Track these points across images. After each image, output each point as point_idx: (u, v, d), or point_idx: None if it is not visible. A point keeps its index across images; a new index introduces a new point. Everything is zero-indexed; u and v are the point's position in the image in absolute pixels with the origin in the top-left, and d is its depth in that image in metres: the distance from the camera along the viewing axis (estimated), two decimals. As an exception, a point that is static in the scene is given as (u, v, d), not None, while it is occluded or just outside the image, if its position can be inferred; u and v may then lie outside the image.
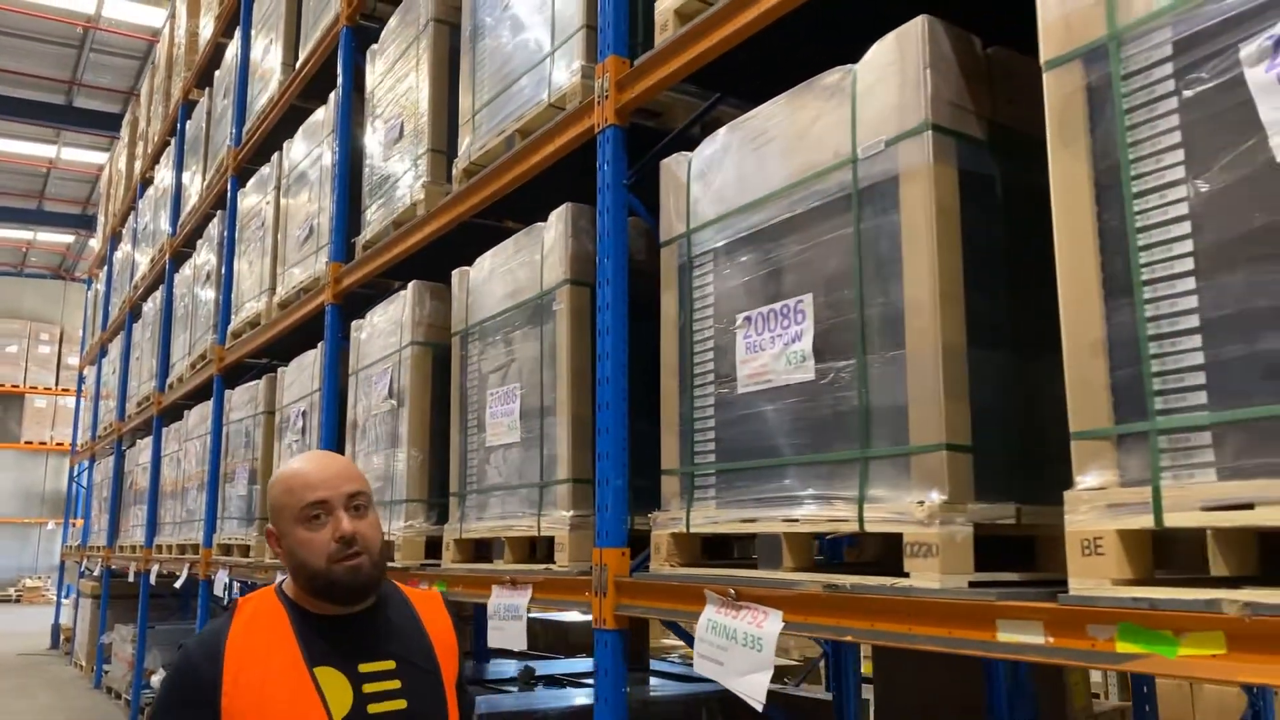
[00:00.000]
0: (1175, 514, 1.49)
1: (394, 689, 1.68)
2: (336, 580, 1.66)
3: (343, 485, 1.70)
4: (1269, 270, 1.43)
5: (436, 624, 1.83)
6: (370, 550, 1.70)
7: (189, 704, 1.61)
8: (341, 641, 1.69)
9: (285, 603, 1.72)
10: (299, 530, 1.67)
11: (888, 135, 2.09)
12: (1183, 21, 1.57)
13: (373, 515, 1.74)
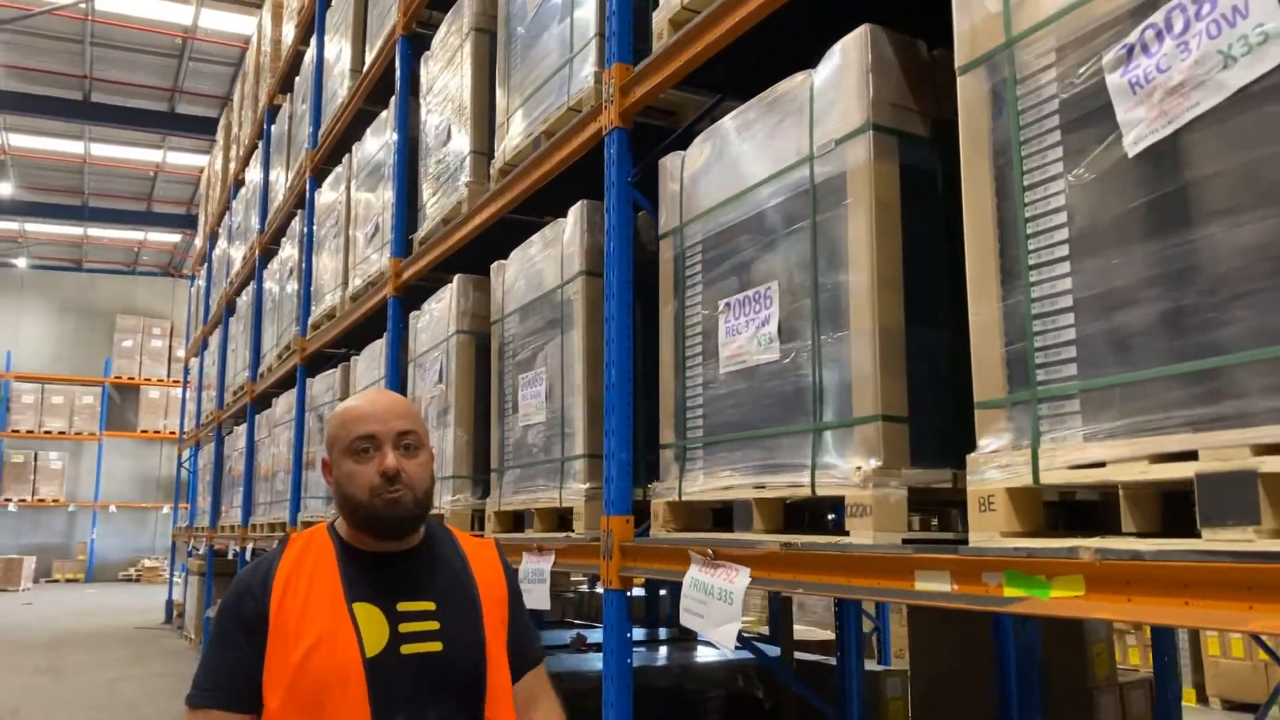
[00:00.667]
0: (1049, 473, 1.68)
1: (430, 630, 1.66)
2: (376, 513, 1.66)
3: (393, 422, 1.69)
4: (1120, 255, 1.60)
5: (486, 570, 1.80)
6: (414, 488, 1.68)
7: (238, 624, 1.65)
8: (383, 578, 1.70)
9: (334, 538, 1.74)
10: (347, 462, 1.68)
11: (837, 135, 2.29)
12: (1062, 30, 1.74)
13: (423, 456, 1.73)
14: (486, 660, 1.69)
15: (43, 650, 11.89)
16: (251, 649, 1.62)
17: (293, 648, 1.60)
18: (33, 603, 19.13)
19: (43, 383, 25.99)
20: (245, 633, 1.64)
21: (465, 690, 1.67)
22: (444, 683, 1.65)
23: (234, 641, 1.65)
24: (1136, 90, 1.58)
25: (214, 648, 1.68)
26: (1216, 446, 1.41)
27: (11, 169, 21.73)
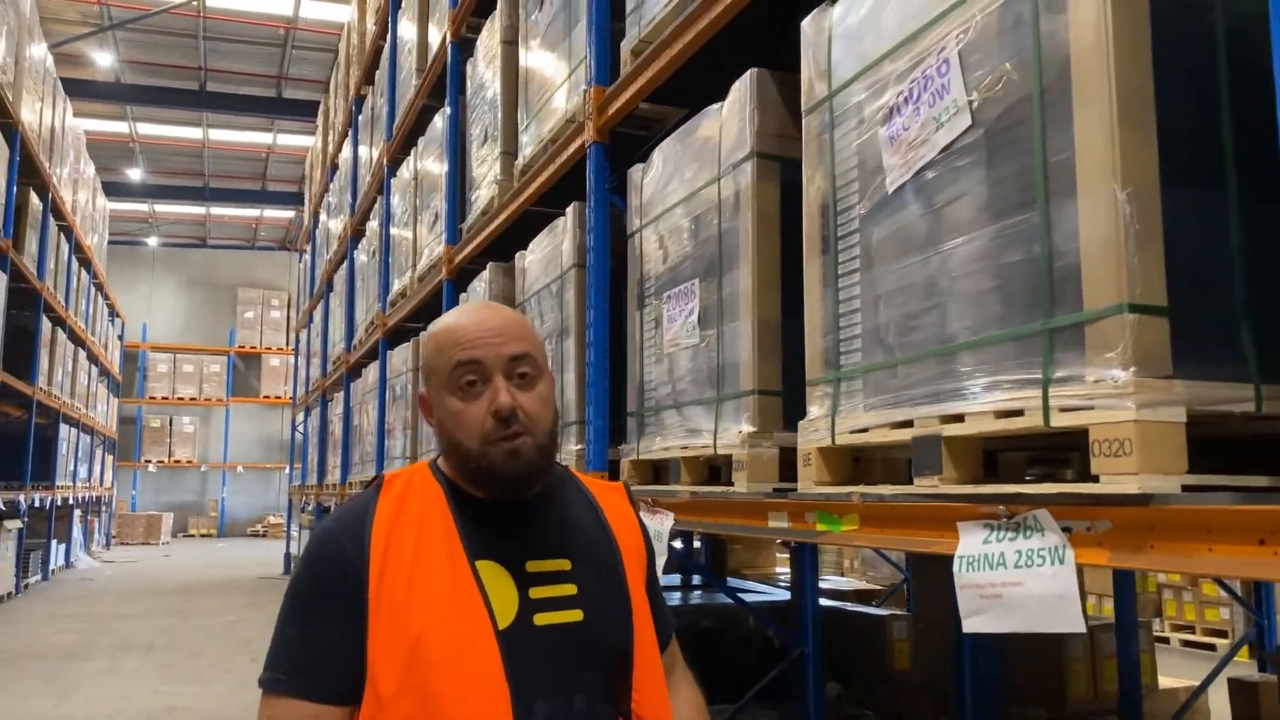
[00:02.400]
0: (840, 436, 2.17)
1: (567, 595, 1.33)
2: (492, 466, 1.30)
3: (504, 345, 1.32)
4: (883, 270, 2.08)
5: (621, 519, 1.46)
6: (535, 430, 1.32)
7: (329, 593, 1.29)
8: (506, 532, 1.35)
9: (442, 481, 1.37)
10: (449, 399, 1.32)
11: (733, 161, 2.78)
12: (861, 87, 2.20)
13: (542, 386, 1.35)
14: (634, 630, 1.35)
15: (176, 596, 13.24)
16: (348, 622, 1.26)
17: (405, 619, 1.25)
18: (170, 555, 20.95)
19: (174, 353, 28.03)
20: (338, 601, 1.27)
21: (612, 665, 1.33)
22: (587, 659, 1.31)
23: (320, 614, 1.28)
24: (893, 142, 2.04)
25: (295, 621, 1.31)
26: (921, 418, 1.89)
27: (140, 155, 23.43)
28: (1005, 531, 1.64)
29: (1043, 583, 1.56)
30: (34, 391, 13.25)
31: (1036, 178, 1.65)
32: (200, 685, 7.30)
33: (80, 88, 18.02)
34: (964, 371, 1.79)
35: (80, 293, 17.56)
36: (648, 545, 1.49)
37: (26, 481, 13.26)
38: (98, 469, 20.75)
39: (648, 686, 1.35)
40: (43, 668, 8.00)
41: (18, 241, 12.23)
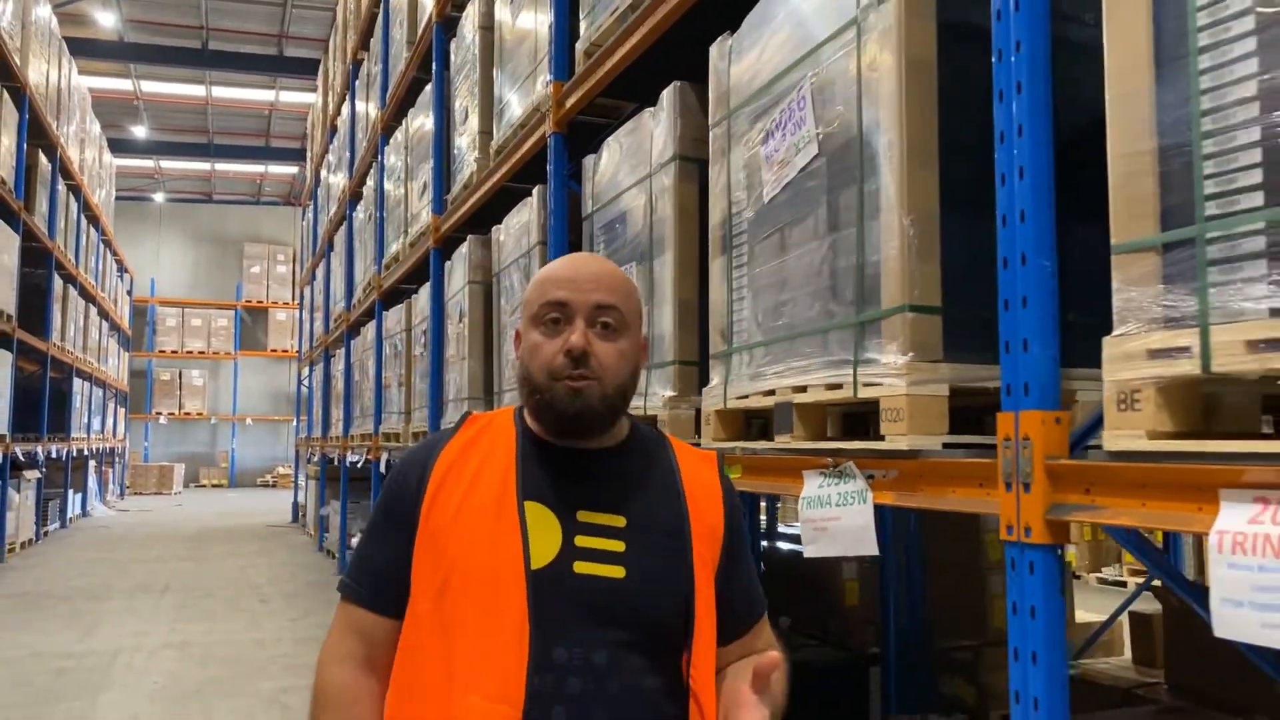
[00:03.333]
0: (730, 401, 2.63)
1: (613, 550, 1.32)
2: (553, 400, 1.34)
3: (592, 292, 1.36)
4: (763, 266, 2.52)
5: (703, 490, 1.43)
6: (604, 378, 1.34)
7: (391, 514, 1.39)
8: (567, 479, 1.37)
9: (519, 424, 1.43)
10: (533, 332, 1.38)
11: (661, 161, 3.20)
12: (749, 110, 2.62)
13: (624, 342, 1.37)
14: (695, 605, 1.33)
15: (189, 542, 13.87)
16: (399, 544, 1.35)
17: (444, 546, 1.32)
18: (182, 505, 21.63)
19: (182, 307, 28.52)
20: (395, 524, 1.37)
21: (649, 633, 1.31)
22: (621, 618, 1.29)
23: (384, 533, 1.40)
24: (769, 160, 2.46)
25: (367, 535, 1.44)
26: (780, 388, 2.34)
27: (145, 112, 23.72)
28: (831, 478, 2.10)
29: (853, 517, 2.02)
30: (48, 347, 13.77)
31: (857, 202, 2.08)
32: (212, 623, 7.87)
33: (84, 47, 18.29)
34: (808, 352, 2.23)
35: (89, 250, 18.00)
36: (730, 522, 1.43)
37: (43, 434, 13.83)
38: (110, 421, 21.36)
39: (702, 663, 1.33)
40: (67, 607, 8.59)
41: (29, 202, 12.65)
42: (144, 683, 5.97)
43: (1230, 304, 1.30)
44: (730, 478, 1.52)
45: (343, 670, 1.36)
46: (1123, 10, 1.48)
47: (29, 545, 13.23)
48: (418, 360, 7.06)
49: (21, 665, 6.40)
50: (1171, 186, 1.39)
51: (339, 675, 1.36)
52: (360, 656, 1.36)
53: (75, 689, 5.81)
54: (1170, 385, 1.38)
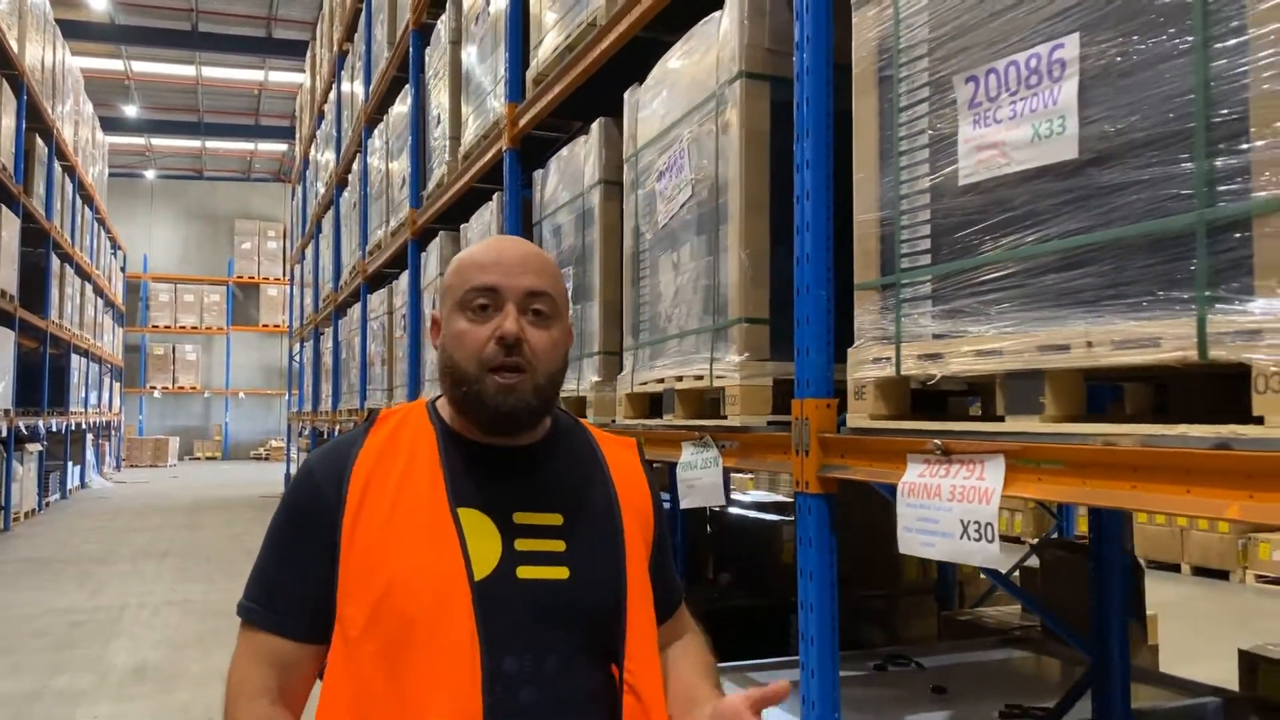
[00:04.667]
0: (636, 385, 3.25)
1: (554, 551, 1.28)
2: (483, 394, 1.25)
3: (522, 277, 1.28)
4: (655, 278, 3.14)
5: (628, 477, 1.40)
6: (537, 369, 1.27)
7: (302, 530, 1.27)
8: (497, 480, 1.30)
9: (436, 422, 1.34)
10: (458, 319, 1.29)
11: (590, 183, 3.80)
12: (650, 151, 3.23)
13: (556, 330, 1.31)
14: (626, 594, 1.30)
15: (185, 512, 14.51)
16: (319, 562, 1.25)
17: (377, 564, 1.23)
18: (178, 476, 22.28)
19: (175, 283, 29.00)
20: (310, 541, 1.26)
21: (595, 631, 1.28)
22: (568, 620, 1.26)
23: (297, 549, 1.27)
24: (661, 194, 3.08)
25: (272, 551, 1.30)
26: (666, 377, 2.96)
27: (135, 92, 24.11)
28: (698, 447, 2.73)
29: (710, 477, 2.66)
30: (47, 325, 14.33)
31: (714, 237, 2.70)
32: (209, 584, 8.53)
33: (76, 29, 18.70)
34: (684, 350, 2.86)
35: (84, 229, 18.51)
36: (656, 507, 1.41)
37: (44, 408, 14.42)
38: (106, 395, 21.93)
39: (641, 654, 1.29)
40: (73, 570, 9.24)
41: (27, 185, 13.17)
42: (149, 633, 6.63)
43: (911, 329, 1.93)
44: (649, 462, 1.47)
45: (258, 706, 1.24)
46: (863, 122, 2.10)
47: (32, 515, 13.86)
48: (399, 341, 7.67)
49: (39, 620, 7.05)
50: (886, 246, 2.01)
51: (255, 714, 1.23)
52: (274, 689, 1.25)
53: (88, 639, 6.47)
54: (882, 382, 2.02)
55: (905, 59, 1.96)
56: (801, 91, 2.29)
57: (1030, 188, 1.65)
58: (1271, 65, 1.28)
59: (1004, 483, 1.67)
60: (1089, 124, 1.54)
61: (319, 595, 1.25)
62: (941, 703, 3.03)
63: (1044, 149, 1.61)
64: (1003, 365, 1.68)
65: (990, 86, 1.73)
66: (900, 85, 1.97)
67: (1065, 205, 1.57)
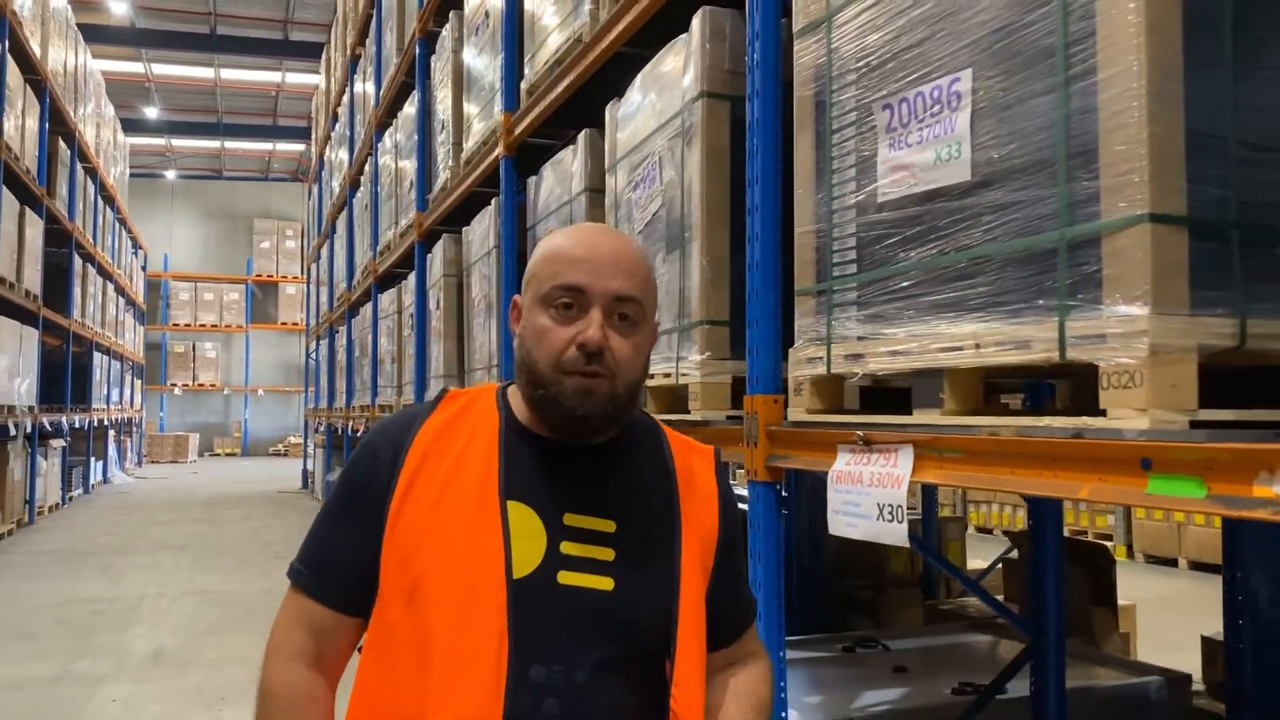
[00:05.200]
0: (613, 384, 3.45)
1: (602, 559, 1.20)
2: (559, 396, 1.19)
3: (612, 279, 1.20)
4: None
5: (697, 487, 1.32)
6: (618, 377, 1.20)
7: (354, 499, 1.25)
8: (554, 477, 1.24)
9: (502, 408, 1.29)
10: (540, 314, 1.22)
11: (578, 190, 4.00)
12: (628, 162, 3.43)
13: (640, 336, 1.24)
14: (678, 618, 1.22)
15: (204, 506, 14.83)
16: (366, 536, 1.22)
17: (418, 545, 1.19)
18: (198, 472, 22.65)
19: (195, 281, 29.41)
20: (361, 509, 1.24)
21: (634, 649, 1.21)
22: (606, 634, 1.19)
23: (347, 517, 1.26)
24: (636, 203, 3.28)
25: (326, 517, 1.30)
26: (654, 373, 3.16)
27: (156, 94, 24.51)
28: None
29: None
30: (70, 323, 14.68)
31: (681, 245, 2.90)
32: (226, 575, 8.80)
33: (97, 33, 19.06)
34: (656, 349, 3.06)
35: (106, 229, 18.87)
36: (725, 523, 1.32)
37: (67, 405, 14.77)
38: (128, 392, 22.34)
39: (688, 683, 1.22)
40: (96, 561, 9.54)
41: (50, 187, 13.50)
42: (167, 621, 6.89)
43: (840, 331, 2.12)
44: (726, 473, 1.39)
45: (293, 669, 1.23)
46: (802, 142, 2.29)
47: (56, 509, 14.21)
48: (408, 339, 7.91)
49: (62, 608, 7.33)
50: (820, 255, 2.21)
51: (289, 675, 1.23)
52: (311, 653, 1.24)
53: (109, 626, 6.74)
54: (817, 380, 2.21)
55: (836, 86, 2.15)
56: (753, 112, 2.49)
57: (933, 205, 1.84)
58: (1114, 103, 1.47)
59: (913, 470, 1.86)
60: (979, 150, 1.73)
61: (362, 568, 1.22)
62: (900, 681, 3.22)
63: (944, 171, 1.80)
64: (910, 364, 1.88)
65: (903, 113, 1.92)
66: (832, 110, 2.16)
67: (960, 222, 1.77)
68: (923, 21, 1.87)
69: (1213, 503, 1.31)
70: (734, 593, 1.36)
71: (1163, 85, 1.43)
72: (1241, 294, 1.46)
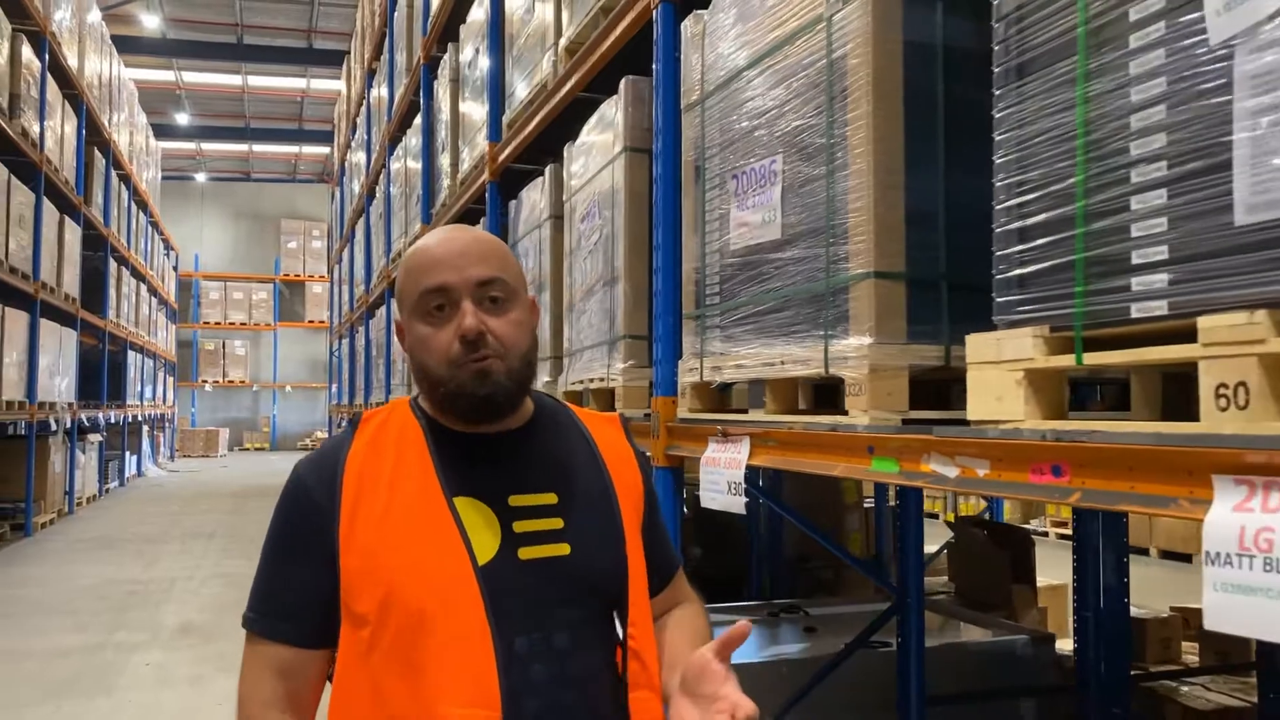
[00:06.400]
0: (568, 386, 4.04)
1: (553, 529, 1.28)
2: (460, 387, 1.24)
3: (469, 268, 1.26)
4: (582, 295, 3.92)
5: (615, 451, 1.41)
6: (506, 353, 1.26)
7: (298, 538, 1.28)
8: (487, 466, 1.30)
9: (420, 416, 1.33)
10: (419, 325, 1.27)
11: (543, 217, 4.60)
12: (579, 197, 4.01)
13: (515, 310, 1.29)
14: (628, 564, 1.32)
15: (233, 498, 15.60)
16: (318, 567, 1.25)
17: (379, 561, 1.23)
18: (227, 466, 23.51)
19: (224, 281, 30.25)
20: (306, 547, 1.26)
21: (599, 602, 1.29)
22: (573, 594, 1.27)
23: (293, 558, 1.29)
24: (584, 232, 3.87)
25: (270, 561, 1.32)
26: (582, 379, 3.75)
27: (186, 100, 25.37)
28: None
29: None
30: (106, 324, 15.48)
31: (610, 271, 3.49)
32: (249, 561, 9.38)
33: (130, 44, 19.87)
34: (595, 358, 3.65)
35: (139, 232, 19.69)
36: (645, 479, 1.44)
37: (103, 401, 15.57)
38: (160, 389, 23.21)
39: (641, 620, 1.31)
40: (131, 548, 10.27)
41: (87, 195, 14.28)
42: (196, 600, 7.58)
43: (709, 348, 2.70)
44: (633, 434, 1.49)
45: (268, 717, 1.26)
46: (687, 197, 2.88)
47: (93, 500, 15.01)
48: (414, 342, 8.53)
49: (101, 588, 8.05)
50: (698, 288, 2.79)
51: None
52: (283, 697, 1.27)
53: (143, 603, 7.43)
54: (695, 385, 2.80)
55: (708, 155, 2.74)
56: (657, 168, 3.08)
57: (760, 255, 2.42)
58: (854, 190, 2.04)
59: (750, 454, 2.45)
60: (786, 215, 2.31)
61: (319, 600, 1.25)
62: (806, 638, 3.80)
63: (766, 230, 2.38)
64: (748, 375, 2.46)
65: (744, 182, 2.50)
66: (705, 173, 2.75)
67: (774, 269, 2.35)
68: (754, 115, 2.46)
69: (902, 476, 1.89)
70: (661, 542, 1.46)
71: (886, 178, 2.01)
72: (948, 328, 2.03)
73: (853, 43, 2.05)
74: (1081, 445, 1.47)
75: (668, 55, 3.01)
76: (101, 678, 5.46)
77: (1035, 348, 1.57)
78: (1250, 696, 3.93)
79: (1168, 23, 1.38)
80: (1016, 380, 1.59)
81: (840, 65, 2.09)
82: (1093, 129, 1.49)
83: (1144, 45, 1.41)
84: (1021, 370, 1.59)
